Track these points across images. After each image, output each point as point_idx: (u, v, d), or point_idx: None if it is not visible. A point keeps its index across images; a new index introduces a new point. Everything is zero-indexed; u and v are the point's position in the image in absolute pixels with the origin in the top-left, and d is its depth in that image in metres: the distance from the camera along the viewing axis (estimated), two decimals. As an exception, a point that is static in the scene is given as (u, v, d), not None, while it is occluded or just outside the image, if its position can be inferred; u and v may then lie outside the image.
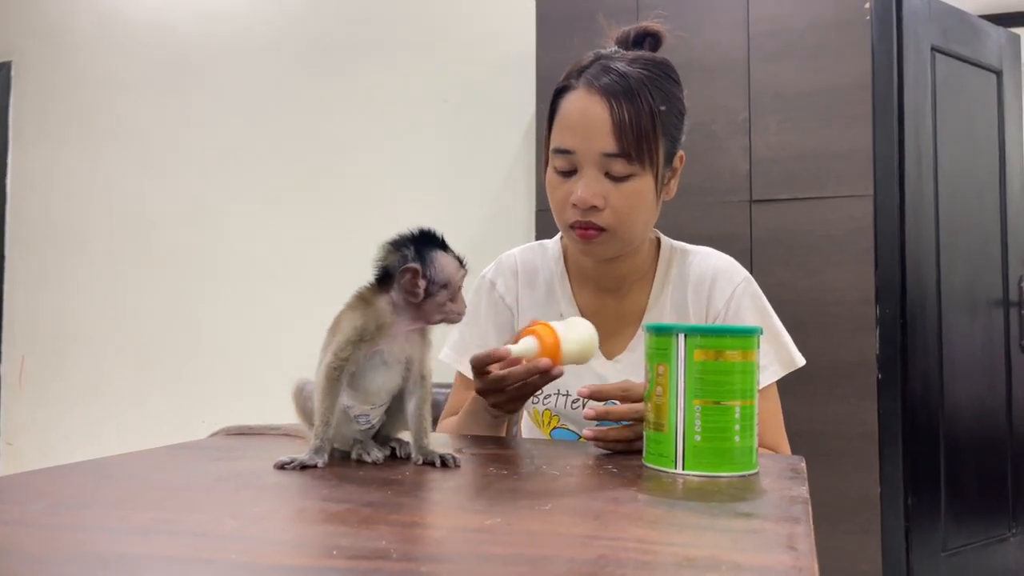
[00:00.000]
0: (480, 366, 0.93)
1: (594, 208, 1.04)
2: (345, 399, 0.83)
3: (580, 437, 1.17)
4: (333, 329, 0.85)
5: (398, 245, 0.82)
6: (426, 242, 0.82)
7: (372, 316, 0.81)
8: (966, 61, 2.65)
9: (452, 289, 0.82)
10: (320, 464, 0.78)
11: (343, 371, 0.80)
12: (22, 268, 3.76)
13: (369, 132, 3.31)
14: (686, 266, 1.19)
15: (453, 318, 0.83)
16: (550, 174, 1.08)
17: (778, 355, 1.15)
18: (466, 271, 0.83)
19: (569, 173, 1.06)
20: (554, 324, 0.92)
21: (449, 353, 1.23)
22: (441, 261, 0.81)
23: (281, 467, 0.77)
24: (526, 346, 0.90)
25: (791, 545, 0.55)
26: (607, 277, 1.18)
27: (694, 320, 1.16)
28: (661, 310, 1.17)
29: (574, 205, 1.04)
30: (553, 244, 1.26)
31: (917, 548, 2.37)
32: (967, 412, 2.60)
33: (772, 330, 1.15)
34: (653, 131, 1.03)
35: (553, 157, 1.07)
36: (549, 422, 1.19)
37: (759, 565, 0.51)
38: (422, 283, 0.80)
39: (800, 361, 1.16)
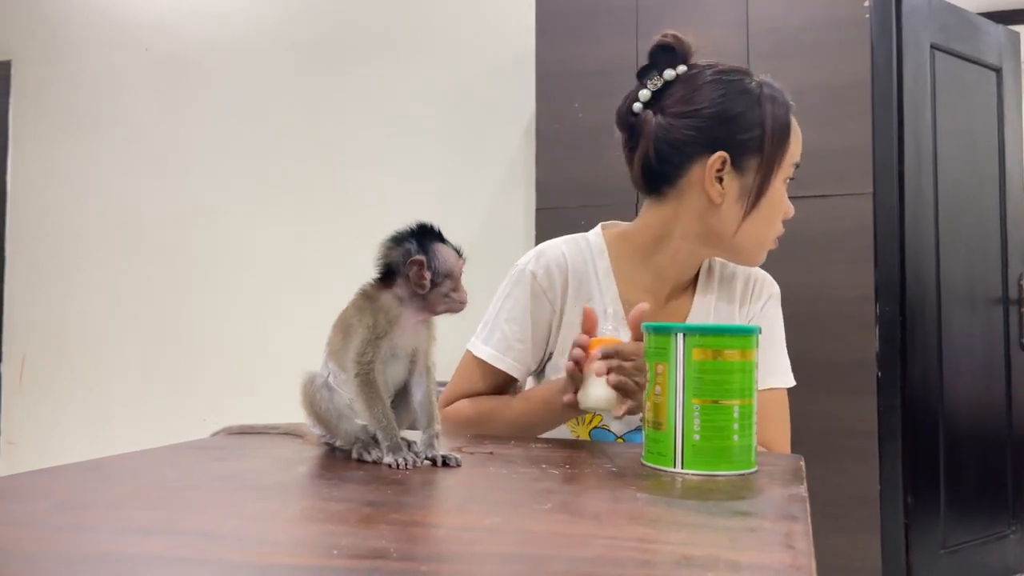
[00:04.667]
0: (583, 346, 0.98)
1: None
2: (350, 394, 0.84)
3: (618, 439, 1.17)
4: (340, 327, 0.86)
5: (399, 240, 0.84)
6: (424, 235, 0.85)
7: (381, 312, 0.83)
8: (965, 59, 2.64)
9: (455, 279, 0.85)
10: (400, 464, 0.79)
11: (373, 371, 0.82)
12: (22, 267, 3.76)
13: (367, 131, 3.31)
14: (727, 273, 1.25)
15: (456, 307, 0.86)
16: (780, 189, 1.20)
17: (782, 366, 1.22)
18: (464, 260, 0.86)
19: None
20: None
21: (475, 343, 1.19)
22: (443, 252, 0.84)
23: (359, 459, 0.83)
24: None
25: (789, 544, 0.55)
26: (660, 281, 1.20)
27: (737, 315, 1.22)
28: (705, 318, 1.20)
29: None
30: (596, 239, 1.21)
31: (916, 545, 2.37)
32: (966, 410, 2.60)
33: (782, 344, 1.24)
34: None
35: (788, 170, 1.21)
36: (591, 420, 1.16)
37: (757, 563, 0.51)
38: (427, 274, 0.82)
39: (790, 382, 1.23)
